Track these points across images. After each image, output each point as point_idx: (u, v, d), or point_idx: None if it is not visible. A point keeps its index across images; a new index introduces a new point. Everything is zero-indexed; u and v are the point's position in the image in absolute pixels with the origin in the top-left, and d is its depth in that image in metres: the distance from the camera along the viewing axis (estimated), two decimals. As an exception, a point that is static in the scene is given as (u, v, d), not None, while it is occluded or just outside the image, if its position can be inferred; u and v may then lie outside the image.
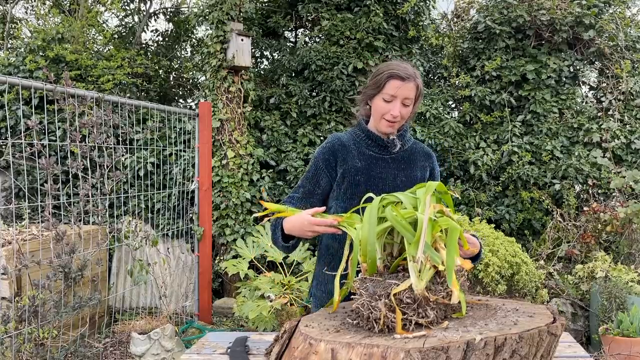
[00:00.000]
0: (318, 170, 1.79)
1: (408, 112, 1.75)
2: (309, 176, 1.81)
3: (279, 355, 1.20)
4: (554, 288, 4.19)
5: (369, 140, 1.80)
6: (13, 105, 5.12)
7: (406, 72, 1.71)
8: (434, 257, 1.14)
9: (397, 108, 1.71)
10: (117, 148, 3.77)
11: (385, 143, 1.79)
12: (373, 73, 1.79)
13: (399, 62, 1.78)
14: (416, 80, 1.72)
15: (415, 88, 1.73)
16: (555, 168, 5.04)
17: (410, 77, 1.70)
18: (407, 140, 1.85)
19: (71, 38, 6.05)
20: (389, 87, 1.70)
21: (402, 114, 1.73)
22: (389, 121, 1.73)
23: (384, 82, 1.71)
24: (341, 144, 1.81)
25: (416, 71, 1.75)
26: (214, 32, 4.89)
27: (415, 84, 1.72)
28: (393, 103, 1.71)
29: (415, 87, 1.72)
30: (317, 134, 5.39)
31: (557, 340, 1.08)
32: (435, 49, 6.04)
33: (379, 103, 1.74)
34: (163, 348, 3.28)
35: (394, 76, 1.70)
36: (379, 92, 1.73)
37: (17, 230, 3.67)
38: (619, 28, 5.33)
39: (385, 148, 1.80)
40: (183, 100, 7.23)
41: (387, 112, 1.72)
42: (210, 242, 4.68)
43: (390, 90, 1.70)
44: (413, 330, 1.08)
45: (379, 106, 1.74)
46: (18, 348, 2.89)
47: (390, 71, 1.71)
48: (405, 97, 1.71)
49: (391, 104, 1.71)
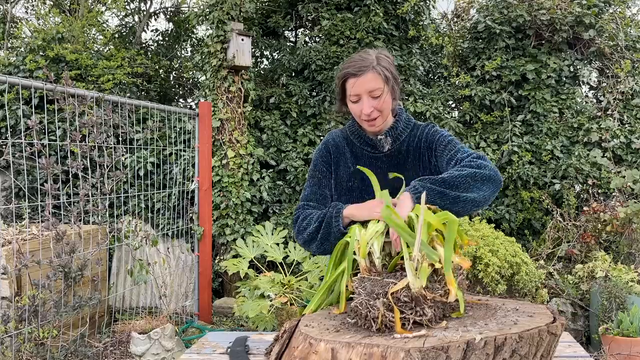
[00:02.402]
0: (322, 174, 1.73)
1: (382, 102, 1.60)
2: (316, 182, 1.73)
3: (279, 354, 1.20)
4: (554, 288, 4.19)
5: (360, 139, 1.74)
6: (13, 105, 5.12)
7: (359, 65, 1.58)
8: (431, 255, 1.14)
9: (366, 105, 1.59)
10: (117, 148, 3.77)
11: (375, 142, 1.72)
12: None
13: (355, 55, 1.65)
14: (375, 68, 1.57)
15: (377, 75, 1.57)
16: (555, 168, 5.04)
17: (365, 69, 1.57)
18: (400, 133, 1.71)
19: (71, 38, 6.05)
20: (348, 89, 1.61)
21: (377, 107, 1.60)
22: (367, 121, 1.63)
23: (342, 86, 1.64)
24: (335, 145, 1.75)
25: (378, 55, 1.60)
26: (214, 32, 4.89)
27: (375, 72, 1.57)
28: (360, 102, 1.61)
29: (376, 75, 1.57)
30: (317, 133, 5.39)
31: (557, 340, 1.08)
32: (435, 49, 6.04)
33: (350, 106, 1.65)
34: (163, 348, 3.28)
35: (348, 75, 1.60)
36: (344, 96, 1.66)
37: (17, 230, 3.67)
38: (619, 28, 5.33)
39: (376, 147, 1.72)
40: (183, 100, 7.23)
41: (359, 112, 1.62)
42: (210, 242, 4.68)
43: (350, 91, 1.60)
44: (412, 329, 1.08)
45: (352, 109, 1.66)
46: (18, 348, 2.90)
47: (343, 72, 1.62)
48: (369, 90, 1.58)
49: (359, 103, 1.61)
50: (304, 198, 1.73)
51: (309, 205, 1.69)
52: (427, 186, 1.40)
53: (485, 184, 1.48)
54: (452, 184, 1.43)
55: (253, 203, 5.08)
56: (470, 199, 1.44)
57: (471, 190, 1.45)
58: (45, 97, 3.53)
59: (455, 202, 1.42)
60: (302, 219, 1.63)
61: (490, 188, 1.50)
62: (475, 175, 1.47)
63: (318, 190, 1.72)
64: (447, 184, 1.43)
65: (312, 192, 1.72)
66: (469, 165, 1.51)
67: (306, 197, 1.72)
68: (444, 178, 1.44)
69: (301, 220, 1.64)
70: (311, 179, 1.75)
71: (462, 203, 1.43)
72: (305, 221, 1.61)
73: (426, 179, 1.44)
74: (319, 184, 1.73)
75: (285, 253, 4.29)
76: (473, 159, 1.54)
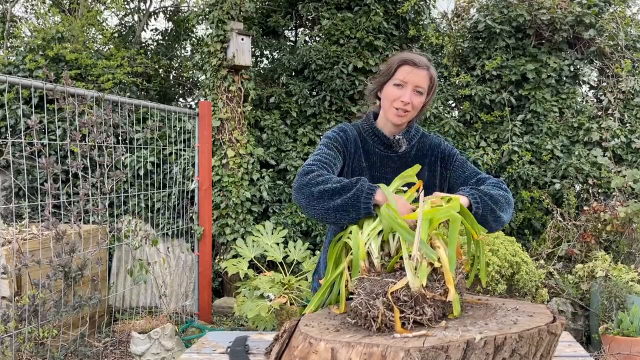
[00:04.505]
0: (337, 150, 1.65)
1: (420, 101, 1.65)
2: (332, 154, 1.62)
3: (279, 354, 1.20)
4: (554, 287, 4.19)
5: (374, 137, 1.73)
6: (13, 105, 5.12)
7: (419, 59, 1.64)
8: (430, 254, 1.14)
9: (407, 94, 1.62)
10: (117, 147, 3.77)
11: (391, 142, 1.72)
12: (385, 63, 1.73)
13: (414, 52, 1.71)
14: (430, 70, 1.65)
15: (429, 78, 1.65)
16: (555, 167, 5.04)
17: (424, 66, 1.63)
18: (412, 137, 1.75)
19: (71, 37, 6.05)
20: (400, 73, 1.63)
21: (414, 103, 1.64)
22: (399, 109, 1.64)
23: (396, 68, 1.65)
24: (353, 136, 1.72)
25: (431, 64, 1.68)
26: (214, 32, 4.89)
27: (429, 73, 1.65)
28: (404, 89, 1.63)
29: (428, 77, 1.65)
30: (317, 133, 5.39)
31: (557, 339, 1.07)
32: (436, 48, 6.04)
33: (389, 90, 1.66)
34: (163, 347, 3.28)
35: (407, 62, 1.63)
36: (389, 78, 1.66)
37: (17, 229, 3.67)
38: (619, 27, 5.33)
39: (391, 147, 1.73)
40: (183, 99, 7.23)
41: (397, 97, 1.63)
42: (210, 242, 4.68)
43: (401, 75, 1.63)
44: (412, 329, 1.08)
45: (389, 93, 1.66)
46: (18, 347, 2.89)
47: (402, 58, 1.65)
48: (417, 84, 1.63)
49: (402, 90, 1.63)
50: (317, 160, 1.55)
51: (324, 166, 1.53)
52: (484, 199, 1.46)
53: (510, 207, 1.58)
54: (496, 201, 1.50)
55: (253, 203, 5.08)
56: (504, 220, 1.53)
57: (505, 211, 1.53)
58: (45, 96, 3.53)
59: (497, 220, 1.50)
60: (318, 174, 1.46)
61: (511, 211, 1.58)
62: (508, 199, 1.56)
63: (331, 160, 1.59)
64: (494, 200, 1.49)
65: (326, 158, 1.58)
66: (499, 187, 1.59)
67: (320, 159, 1.56)
68: (492, 194, 1.50)
69: (316, 174, 1.46)
70: (326, 148, 1.63)
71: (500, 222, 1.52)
72: (322, 177, 1.44)
73: (479, 189, 1.50)
74: (335, 156, 1.62)
75: (285, 253, 4.29)
76: (500, 182, 1.63)
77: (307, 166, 1.51)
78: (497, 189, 1.56)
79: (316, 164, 1.52)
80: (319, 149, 1.65)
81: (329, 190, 1.40)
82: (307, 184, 1.44)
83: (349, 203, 1.35)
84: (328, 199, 1.39)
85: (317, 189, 1.41)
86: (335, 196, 1.38)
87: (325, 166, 1.53)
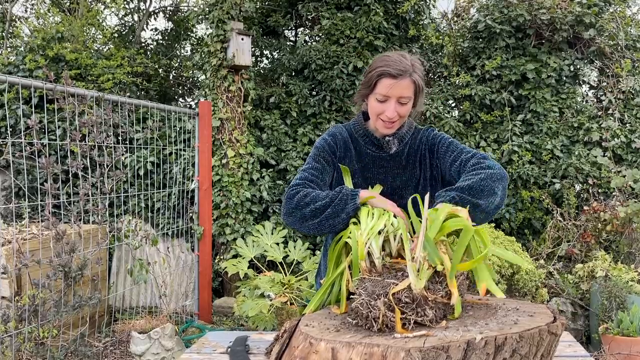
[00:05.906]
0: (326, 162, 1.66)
1: (406, 110, 1.59)
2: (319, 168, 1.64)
3: (279, 354, 1.20)
4: (554, 287, 4.19)
5: (365, 138, 1.71)
6: (13, 105, 5.12)
7: (399, 67, 1.53)
8: (434, 255, 1.14)
9: (391, 109, 1.56)
10: (117, 147, 3.76)
11: (382, 143, 1.69)
12: (366, 69, 1.63)
13: (393, 55, 1.59)
14: (412, 76, 1.54)
15: (412, 84, 1.55)
16: (555, 167, 5.04)
17: (404, 74, 1.53)
18: (404, 136, 1.70)
19: (71, 37, 6.05)
20: (380, 87, 1.55)
21: (400, 113, 1.58)
22: (386, 122, 1.60)
23: (375, 81, 1.56)
24: (342, 140, 1.71)
25: (414, 62, 1.57)
26: (214, 31, 4.89)
27: (411, 79, 1.54)
28: (387, 103, 1.56)
29: (411, 83, 1.55)
30: (317, 133, 5.39)
31: (557, 339, 1.07)
32: (436, 48, 6.04)
33: (373, 103, 1.60)
34: (163, 347, 3.28)
35: (385, 74, 1.54)
36: (371, 91, 1.59)
37: (17, 229, 3.67)
38: (619, 27, 5.33)
39: (382, 148, 1.70)
40: (183, 99, 7.23)
41: (381, 112, 1.58)
42: (210, 242, 4.68)
43: (382, 90, 1.55)
44: (413, 330, 1.08)
45: (373, 106, 1.60)
46: (18, 347, 2.89)
47: (380, 69, 1.55)
48: (400, 95, 1.55)
49: (385, 104, 1.57)
50: (303, 178, 1.59)
51: (309, 184, 1.57)
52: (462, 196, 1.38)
53: (501, 182, 1.48)
54: (478, 189, 1.42)
55: (253, 202, 5.08)
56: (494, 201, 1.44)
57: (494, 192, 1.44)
58: (45, 96, 3.53)
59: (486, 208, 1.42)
60: (304, 195, 1.50)
61: (503, 185, 1.49)
62: (493, 176, 1.46)
63: (320, 175, 1.62)
64: (474, 190, 1.41)
65: (313, 174, 1.61)
66: (479, 167, 1.50)
67: (306, 177, 1.59)
68: (470, 185, 1.42)
69: (302, 196, 1.50)
70: (314, 162, 1.65)
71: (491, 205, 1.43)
72: (308, 198, 1.49)
73: (452, 189, 1.42)
74: (322, 169, 1.64)
75: (285, 253, 4.29)
76: (480, 159, 1.55)
77: (292, 189, 1.55)
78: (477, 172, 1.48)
79: (301, 184, 1.57)
80: (307, 162, 1.68)
81: (319, 207, 1.46)
82: (296, 207, 1.50)
83: (338, 208, 1.44)
84: (320, 214, 1.46)
85: (309, 209, 1.48)
86: (325, 210, 1.45)
87: (311, 184, 1.58)
